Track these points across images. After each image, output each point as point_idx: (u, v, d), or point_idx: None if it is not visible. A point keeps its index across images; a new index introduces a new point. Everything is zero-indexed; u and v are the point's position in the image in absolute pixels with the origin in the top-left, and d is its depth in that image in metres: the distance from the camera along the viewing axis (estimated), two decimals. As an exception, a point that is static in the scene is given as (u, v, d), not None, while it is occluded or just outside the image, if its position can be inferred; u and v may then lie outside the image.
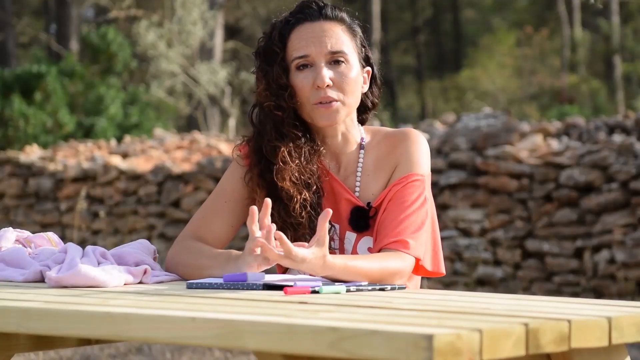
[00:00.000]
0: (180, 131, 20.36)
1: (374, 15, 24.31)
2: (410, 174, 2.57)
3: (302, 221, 2.54)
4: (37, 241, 2.68)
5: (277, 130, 2.57)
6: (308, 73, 2.57)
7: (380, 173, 2.61)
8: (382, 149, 2.63)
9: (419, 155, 2.59)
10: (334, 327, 1.68)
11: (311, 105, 2.56)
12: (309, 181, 2.56)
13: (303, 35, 2.58)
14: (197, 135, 12.26)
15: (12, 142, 14.98)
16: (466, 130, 8.47)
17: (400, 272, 2.45)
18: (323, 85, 2.54)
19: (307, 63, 2.57)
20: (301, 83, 2.56)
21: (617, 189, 7.48)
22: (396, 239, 2.49)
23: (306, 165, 2.57)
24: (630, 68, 25.95)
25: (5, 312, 2.04)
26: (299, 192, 2.54)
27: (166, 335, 1.87)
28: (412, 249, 2.49)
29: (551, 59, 28.23)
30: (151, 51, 18.55)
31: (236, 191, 2.62)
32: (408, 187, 2.55)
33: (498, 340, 1.67)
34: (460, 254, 8.12)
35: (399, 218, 2.51)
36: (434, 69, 33.44)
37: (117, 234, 10.21)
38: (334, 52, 2.57)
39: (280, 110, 2.56)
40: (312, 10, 2.60)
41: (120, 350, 5.96)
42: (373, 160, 2.63)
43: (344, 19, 2.63)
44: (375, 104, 2.72)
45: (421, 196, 2.55)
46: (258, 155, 2.59)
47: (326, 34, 2.58)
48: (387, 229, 2.51)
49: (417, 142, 2.61)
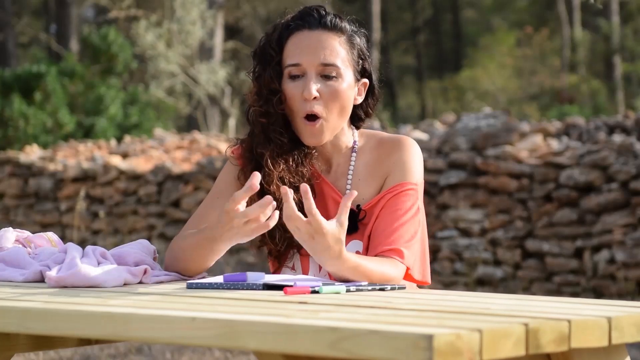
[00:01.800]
0: (180, 131, 20.36)
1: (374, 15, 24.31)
2: (404, 183, 2.57)
3: None
4: (37, 241, 2.68)
5: (265, 135, 2.58)
6: (299, 83, 2.56)
7: (372, 178, 2.61)
8: (375, 155, 2.63)
9: (412, 163, 2.59)
10: (333, 327, 1.68)
11: (300, 118, 2.56)
12: (297, 184, 2.55)
13: (299, 43, 2.57)
14: (197, 135, 12.26)
15: (12, 142, 14.98)
16: (466, 130, 8.47)
17: (394, 279, 2.47)
18: (309, 97, 2.54)
19: (299, 73, 2.56)
20: (291, 92, 2.56)
21: (617, 189, 7.48)
22: (390, 247, 2.50)
23: (296, 168, 2.57)
24: (630, 68, 25.95)
25: (5, 312, 2.04)
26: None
27: (166, 335, 1.87)
28: (406, 258, 2.50)
29: (551, 59, 28.23)
30: (150, 51, 18.55)
31: (230, 189, 2.62)
32: (402, 196, 2.56)
33: (498, 340, 1.67)
34: (460, 254, 8.11)
35: (392, 226, 2.52)
36: (434, 69, 33.44)
37: (117, 234, 10.21)
38: (326, 64, 2.56)
39: (266, 117, 2.57)
40: (312, 19, 2.59)
41: (120, 350, 5.96)
42: (365, 165, 2.63)
43: (344, 30, 2.61)
44: (368, 114, 2.71)
45: (414, 205, 2.56)
46: (250, 154, 2.60)
47: (322, 44, 2.57)
48: (380, 236, 2.52)
49: (411, 150, 2.60)
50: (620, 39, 25.79)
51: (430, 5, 34.23)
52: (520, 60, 28.38)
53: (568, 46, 26.76)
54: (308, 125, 2.56)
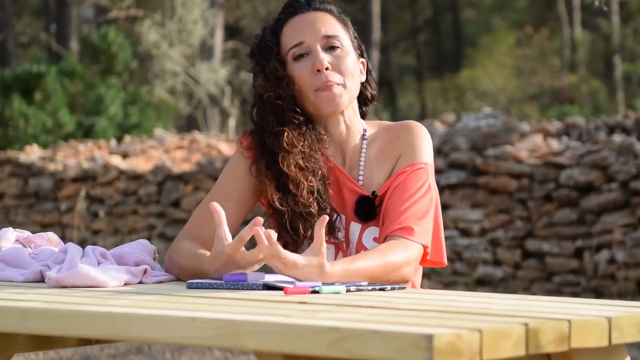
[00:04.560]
0: (180, 131, 20.36)
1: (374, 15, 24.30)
2: (414, 163, 2.57)
3: (311, 210, 2.53)
4: (37, 241, 2.68)
5: (278, 120, 2.56)
6: (305, 61, 2.57)
7: (383, 164, 2.61)
8: (385, 141, 2.63)
9: (421, 145, 2.60)
10: (334, 327, 1.68)
11: (313, 92, 2.56)
12: (314, 167, 2.55)
13: (296, 26, 2.59)
14: (197, 135, 12.26)
15: (12, 142, 14.98)
16: (466, 130, 8.47)
17: (407, 262, 2.45)
18: (322, 68, 2.54)
19: (303, 52, 2.57)
20: (299, 72, 2.56)
21: (617, 189, 7.48)
22: (401, 226, 2.48)
23: (310, 152, 2.56)
24: (630, 68, 25.94)
25: (5, 312, 2.04)
26: (305, 178, 2.53)
27: (166, 335, 1.87)
28: (417, 235, 2.48)
29: (551, 59, 28.24)
30: (155, 50, 18.56)
31: (237, 190, 2.60)
32: (412, 176, 2.56)
33: (498, 340, 1.67)
34: (460, 254, 8.11)
35: (403, 206, 2.51)
36: (434, 69, 33.45)
37: (117, 234, 10.21)
38: (329, 36, 2.58)
39: (280, 99, 2.56)
40: (301, 4, 2.62)
41: (120, 350, 5.96)
42: (376, 152, 2.63)
43: (333, 11, 2.64)
44: (374, 95, 2.73)
45: (425, 184, 2.55)
46: (261, 149, 2.58)
47: (319, 21, 2.60)
48: (391, 216, 2.51)
49: (419, 132, 2.61)
50: (620, 39, 25.80)
51: (430, 5, 34.23)
52: (520, 60, 28.39)
53: (568, 46, 26.76)
54: (324, 92, 2.55)
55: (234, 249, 2.30)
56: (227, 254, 2.31)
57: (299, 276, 2.26)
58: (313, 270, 2.26)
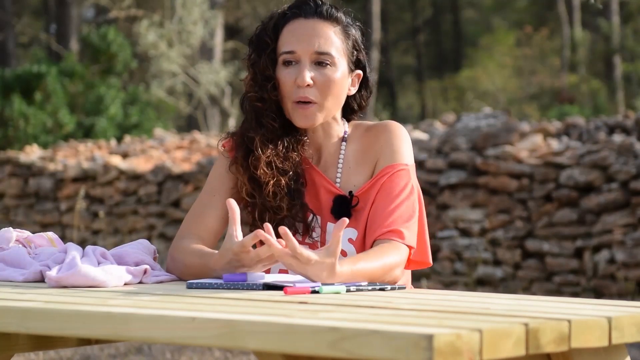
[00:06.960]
0: (180, 131, 20.36)
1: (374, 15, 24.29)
2: (395, 164, 2.58)
3: (280, 204, 2.56)
4: (37, 241, 2.68)
5: (257, 120, 2.60)
6: (292, 70, 2.59)
7: (362, 165, 2.63)
8: (363, 142, 2.64)
9: (401, 145, 2.60)
10: (334, 327, 1.68)
11: (291, 103, 2.58)
12: (286, 168, 2.57)
13: (294, 31, 2.60)
14: (197, 135, 12.27)
15: (12, 142, 14.98)
16: (466, 130, 8.47)
17: (399, 264, 2.47)
18: (303, 84, 2.56)
19: (293, 60, 2.59)
20: (284, 78, 2.58)
21: (617, 189, 7.48)
22: (390, 229, 2.50)
23: (286, 153, 2.59)
24: (630, 68, 25.94)
25: (5, 312, 2.04)
26: (272, 178, 2.56)
27: (166, 335, 1.87)
28: (407, 238, 2.51)
29: (551, 59, 28.23)
30: (152, 51, 18.55)
31: (224, 184, 2.64)
32: (395, 178, 2.57)
33: (498, 340, 1.67)
34: (460, 254, 8.12)
35: (389, 208, 2.52)
36: (433, 69, 33.44)
37: (117, 234, 10.21)
38: (320, 52, 2.58)
39: (261, 102, 2.59)
40: (309, 8, 2.62)
41: (120, 350, 5.96)
42: (354, 152, 2.64)
43: (340, 20, 2.63)
44: (362, 106, 2.73)
45: (408, 185, 2.57)
46: (242, 140, 2.62)
47: (317, 33, 2.59)
48: (378, 219, 2.52)
49: (398, 133, 2.62)
50: (620, 39, 25.80)
51: (430, 5, 34.22)
52: (520, 60, 28.38)
53: (568, 46, 26.75)
54: (300, 107, 2.57)
55: (243, 246, 2.31)
56: (233, 251, 2.33)
57: (310, 273, 2.27)
58: (325, 269, 2.27)
